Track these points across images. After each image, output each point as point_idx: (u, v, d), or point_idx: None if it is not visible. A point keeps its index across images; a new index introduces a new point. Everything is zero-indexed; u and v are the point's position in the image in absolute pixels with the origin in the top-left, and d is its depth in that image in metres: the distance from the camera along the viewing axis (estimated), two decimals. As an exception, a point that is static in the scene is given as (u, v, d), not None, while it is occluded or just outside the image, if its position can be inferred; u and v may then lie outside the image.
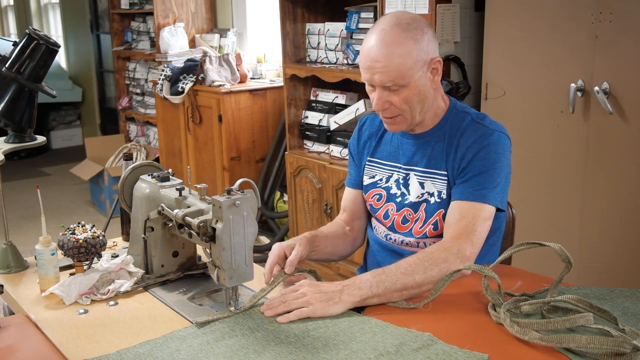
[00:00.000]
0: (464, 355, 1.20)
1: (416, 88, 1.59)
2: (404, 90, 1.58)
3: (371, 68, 1.58)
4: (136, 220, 1.64)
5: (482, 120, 1.66)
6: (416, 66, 1.57)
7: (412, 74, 1.57)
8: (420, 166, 1.70)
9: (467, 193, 1.59)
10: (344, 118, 3.39)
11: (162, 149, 4.78)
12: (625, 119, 2.38)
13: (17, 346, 1.33)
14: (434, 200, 1.67)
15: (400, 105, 1.60)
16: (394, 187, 1.74)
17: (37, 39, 1.78)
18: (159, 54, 4.67)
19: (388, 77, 1.56)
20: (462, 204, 1.59)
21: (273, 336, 1.31)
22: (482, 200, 1.57)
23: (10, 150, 1.83)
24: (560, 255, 1.37)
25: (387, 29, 1.57)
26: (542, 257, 2.00)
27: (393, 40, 1.55)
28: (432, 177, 1.68)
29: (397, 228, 1.72)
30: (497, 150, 1.61)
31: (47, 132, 7.30)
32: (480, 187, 1.58)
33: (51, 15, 8.08)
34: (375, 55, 1.57)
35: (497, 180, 1.60)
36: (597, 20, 2.37)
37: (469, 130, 1.64)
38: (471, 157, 1.61)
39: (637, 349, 1.17)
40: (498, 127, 1.65)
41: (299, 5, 3.61)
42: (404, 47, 1.55)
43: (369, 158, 1.81)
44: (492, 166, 1.60)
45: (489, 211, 1.58)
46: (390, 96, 1.59)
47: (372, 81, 1.59)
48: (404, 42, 1.55)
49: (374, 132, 1.82)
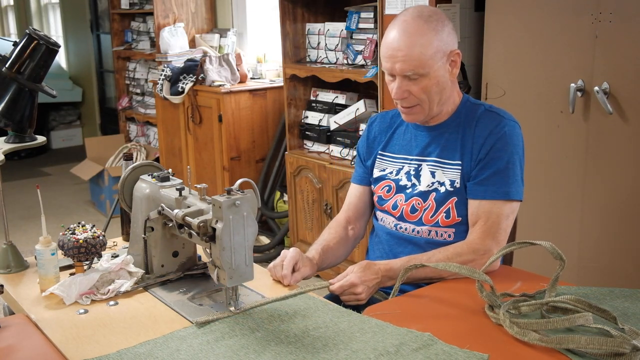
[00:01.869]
0: (464, 355, 1.20)
1: (435, 78, 1.64)
2: (424, 80, 1.63)
3: (392, 57, 1.63)
4: (136, 220, 1.64)
5: (495, 109, 1.72)
6: (436, 56, 1.62)
7: (432, 64, 1.62)
8: (433, 156, 1.73)
9: (491, 192, 1.65)
10: (344, 118, 3.39)
11: (162, 149, 4.78)
12: (625, 119, 2.38)
13: (17, 346, 1.33)
14: (445, 189, 1.70)
15: (419, 94, 1.65)
16: (404, 179, 1.77)
17: (37, 39, 1.78)
18: (159, 54, 4.67)
19: (409, 66, 1.61)
20: (487, 203, 1.65)
21: (273, 336, 1.31)
22: (506, 197, 1.64)
23: (10, 150, 1.83)
24: (552, 253, 1.37)
25: (409, 20, 1.62)
26: (543, 257, 2.00)
27: (415, 30, 1.61)
28: (444, 166, 1.71)
29: (407, 217, 1.75)
30: (512, 141, 1.67)
31: (47, 132, 7.30)
32: (502, 185, 1.64)
33: (51, 15, 8.08)
34: (397, 44, 1.62)
35: (516, 173, 1.66)
36: (597, 20, 2.37)
37: (484, 119, 1.69)
38: (489, 148, 1.66)
39: (636, 349, 1.17)
40: (510, 115, 1.72)
41: (299, 5, 3.61)
42: (426, 37, 1.60)
43: (380, 152, 1.84)
44: (511, 159, 1.65)
45: (512, 207, 1.66)
46: (410, 85, 1.64)
47: (393, 70, 1.64)
48: (425, 33, 1.61)
49: (385, 128, 1.85)
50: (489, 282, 1.39)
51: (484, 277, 1.40)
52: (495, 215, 1.63)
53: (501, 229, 1.63)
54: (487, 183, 1.65)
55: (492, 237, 1.62)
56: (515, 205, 1.67)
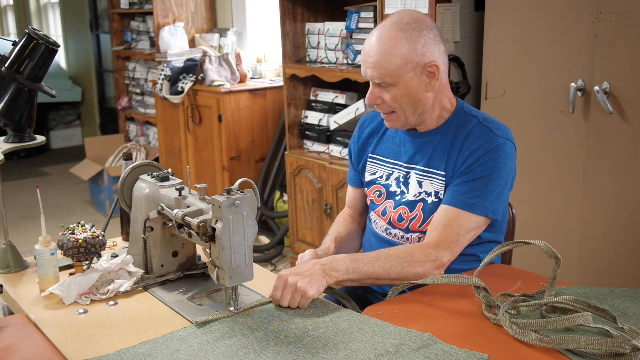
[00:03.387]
0: (464, 355, 1.20)
1: (406, 89, 1.60)
2: (394, 89, 1.61)
3: (365, 62, 1.63)
4: (136, 220, 1.64)
5: (489, 124, 1.64)
6: (406, 68, 1.58)
7: (400, 75, 1.59)
8: (421, 165, 1.70)
9: (458, 200, 1.59)
10: (344, 118, 3.39)
11: (162, 149, 4.78)
12: (626, 118, 2.38)
13: (17, 346, 1.33)
14: (432, 200, 1.67)
15: (391, 103, 1.63)
16: (394, 185, 1.75)
17: (37, 38, 1.77)
18: (159, 54, 4.67)
19: (377, 74, 1.60)
20: (451, 210, 1.59)
21: (273, 336, 1.31)
22: (471, 210, 1.58)
23: (10, 150, 1.82)
24: (547, 252, 1.37)
25: (387, 27, 1.60)
26: (542, 257, 2.00)
27: (388, 38, 1.59)
28: (431, 177, 1.68)
29: (395, 224, 1.74)
30: (499, 159, 1.60)
31: (47, 132, 7.30)
32: (472, 196, 1.58)
33: (51, 15, 8.08)
34: (369, 50, 1.62)
35: (493, 188, 1.59)
36: (597, 20, 2.37)
37: (474, 134, 1.63)
38: (473, 162, 1.60)
39: (636, 349, 1.16)
40: (505, 133, 1.64)
41: (299, 5, 3.61)
42: (396, 47, 1.57)
43: (371, 155, 1.82)
44: (492, 174, 1.59)
45: (475, 222, 1.59)
46: (382, 93, 1.63)
47: (366, 75, 1.64)
48: (397, 42, 1.58)
49: (376, 130, 1.83)
50: (481, 285, 1.39)
51: (475, 281, 1.39)
52: (457, 225, 1.57)
53: (458, 241, 1.57)
54: (457, 190, 1.60)
55: (447, 247, 1.55)
56: (481, 220, 1.59)
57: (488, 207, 1.59)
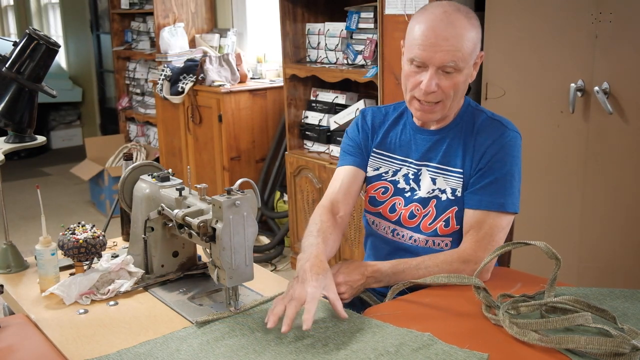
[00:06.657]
0: (464, 355, 1.20)
1: (465, 76, 1.59)
2: (458, 76, 1.56)
3: (434, 45, 1.53)
4: (136, 220, 1.64)
5: (497, 117, 1.67)
6: (474, 54, 1.58)
7: (469, 60, 1.57)
8: (435, 162, 1.68)
9: (486, 202, 1.60)
10: (344, 118, 3.39)
11: (162, 149, 4.78)
12: (625, 119, 2.38)
13: (17, 346, 1.33)
14: (446, 197, 1.65)
15: (448, 90, 1.57)
16: (402, 182, 1.72)
17: (37, 39, 1.78)
18: (159, 54, 4.67)
19: (452, 57, 1.53)
20: (481, 213, 1.60)
21: (273, 336, 1.31)
22: (502, 209, 1.60)
23: (10, 150, 1.83)
24: (547, 253, 1.37)
25: (451, 12, 1.55)
26: (542, 258, 2.00)
27: (461, 24, 1.54)
28: (446, 174, 1.66)
29: (404, 222, 1.70)
30: (513, 152, 1.63)
31: (47, 132, 7.30)
32: (499, 195, 1.60)
33: (51, 15, 8.08)
34: (443, 33, 1.52)
35: (513, 185, 1.62)
36: (597, 20, 2.37)
37: (486, 128, 1.64)
38: (490, 157, 1.61)
39: (636, 349, 1.17)
40: (512, 125, 1.67)
41: (299, 5, 3.61)
42: (468, 32, 1.55)
43: (375, 149, 1.77)
44: (510, 170, 1.61)
45: (507, 219, 1.61)
46: (442, 79, 1.56)
47: (430, 60, 1.54)
48: (469, 28, 1.55)
49: (380, 124, 1.78)
50: (481, 285, 1.39)
51: (475, 281, 1.40)
52: (489, 226, 1.58)
53: (494, 241, 1.58)
54: (483, 192, 1.61)
55: (484, 248, 1.57)
56: (510, 217, 1.62)
57: (515, 202, 1.62)
